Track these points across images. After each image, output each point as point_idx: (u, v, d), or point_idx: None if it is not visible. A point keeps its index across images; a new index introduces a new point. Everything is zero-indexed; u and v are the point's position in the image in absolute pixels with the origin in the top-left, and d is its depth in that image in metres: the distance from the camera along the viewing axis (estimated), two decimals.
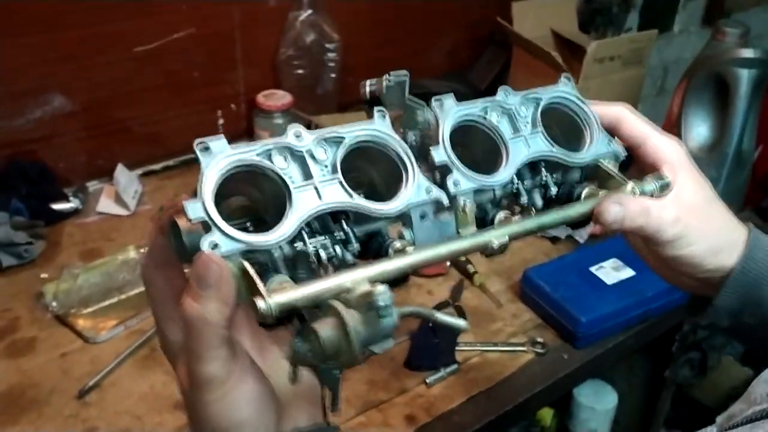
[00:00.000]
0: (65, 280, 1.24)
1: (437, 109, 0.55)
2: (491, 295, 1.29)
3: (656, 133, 0.60)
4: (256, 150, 0.47)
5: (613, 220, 0.55)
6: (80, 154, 1.57)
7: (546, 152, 0.58)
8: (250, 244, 0.45)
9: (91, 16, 1.44)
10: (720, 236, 0.59)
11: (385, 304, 0.42)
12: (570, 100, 0.61)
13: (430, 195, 0.51)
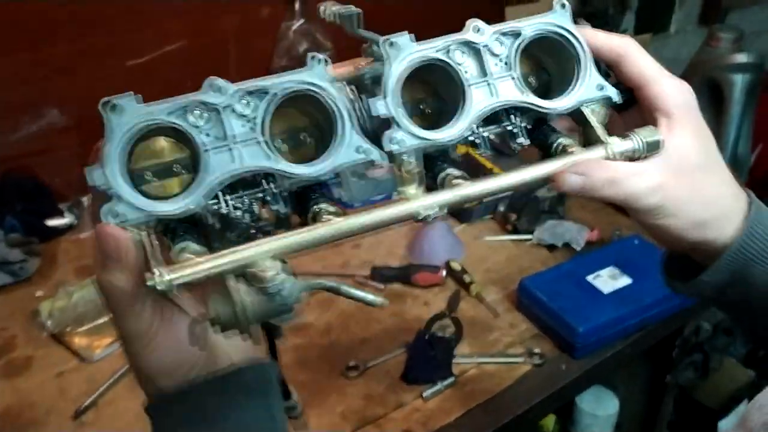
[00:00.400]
0: (60, 298, 1.24)
1: (387, 50, 0.49)
2: (488, 305, 1.28)
3: (660, 76, 0.53)
4: (169, 109, 0.45)
5: (571, 190, 0.50)
6: (75, 168, 1.54)
7: (513, 101, 0.51)
8: (152, 213, 0.44)
9: (83, 29, 1.44)
10: (710, 208, 0.53)
11: (273, 290, 0.43)
12: (559, 32, 0.52)
13: (362, 155, 0.47)
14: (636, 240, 1.36)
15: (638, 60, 0.53)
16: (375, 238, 1.47)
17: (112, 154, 0.43)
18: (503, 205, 1.51)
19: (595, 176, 0.50)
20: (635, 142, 0.50)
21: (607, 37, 0.53)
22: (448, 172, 0.50)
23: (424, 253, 1.39)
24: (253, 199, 0.47)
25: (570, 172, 0.50)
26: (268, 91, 0.46)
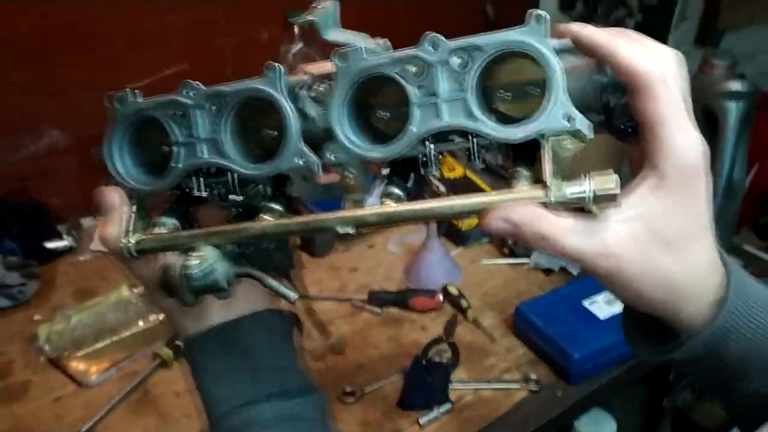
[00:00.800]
0: (58, 322, 1.24)
1: (337, 64, 0.49)
2: (484, 330, 1.29)
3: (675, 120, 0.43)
4: (152, 105, 0.55)
5: (498, 235, 0.47)
6: (74, 189, 1.58)
7: (455, 124, 0.47)
8: (135, 189, 0.57)
9: (84, 52, 1.45)
10: (666, 289, 0.46)
11: (194, 276, 0.54)
12: (524, 51, 0.45)
13: (302, 164, 0.51)
14: None
15: (660, 98, 0.43)
16: (373, 261, 1.48)
17: (109, 138, 0.57)
18: None
19: (526, 229, 0.44)
20: (586, 189, 0.42)
21: (632, 58, 0.43)
22: (387, 191, 0.50)
23: (422, 277, 1.39)
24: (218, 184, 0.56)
25: (497, 217, 0.45)
26: (225, 95, 0.53)
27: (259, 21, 1.64)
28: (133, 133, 0.57)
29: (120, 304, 1.30)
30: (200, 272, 0.53)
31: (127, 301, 1.30)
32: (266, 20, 1.64)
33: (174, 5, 1.51)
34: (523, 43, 0.45)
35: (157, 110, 0.55)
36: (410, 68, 0.48)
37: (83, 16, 1.41)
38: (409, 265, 1.44)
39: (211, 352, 0.60)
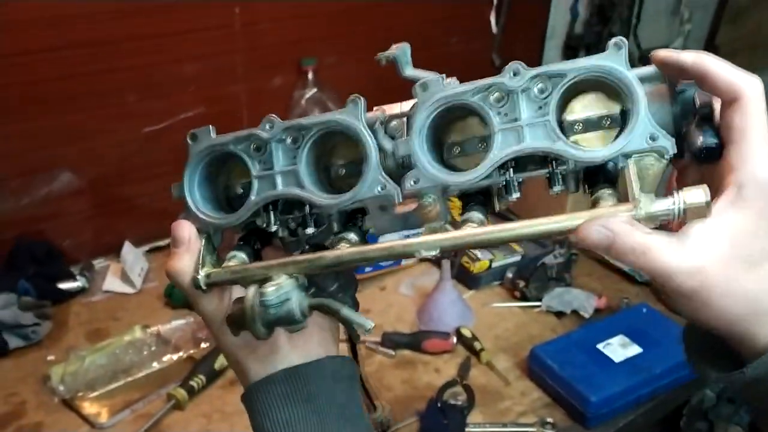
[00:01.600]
0: (72, 363, 1.24)
1: (419, 93, 0.51)
2: (498, 373, 1.29)
3: (758, 138, 0.44)
4: (231, 141, 0.54)
5: (595, 246, 0.45)
6: (87, 231, 1.59)
7: (538, 148, 0.48)
8: (209, 224, 0.55)
9: (103, 98, 1.48)
10: (750, 304, 0.45)
11: (269, 304, 0.51)
12: (605, 76, 0.47)
13: (383, 191, 0.51)
14: (644, 308, 1.38)
15: (748, 113, 0.45)
16: (385, 302, 1.48)
17: (187, 175, 0.55)
18: (511, 272, 1.53)
19: (621, 239, 0.44)
20: (674, 203, 0.43)
21: (731, 78, 0.45)
22: (467, 216, 0.50)
23: (434, 319, 1.40)
24: (290, 219, 0.55)
25: (595, 227, 0.45)
26: (310, 128, 0.53)
27: (274, 68, 1.68)
28: (205, 169, 0.56)
29: (134, 344, 1.30)
30: (276, 299, 0.51)
31: (141, 341, 1.30)
32: (280, 67, 1.68)
33: (192, 56, 1.54)
34: (606, 67, 0.47)
35: (233, 145, 0.54)
36: (491, 96, 0.50)
37: (102, 65, 1.45)
38: (421, 307, 1.44)
39: (277, 398, 0.57)
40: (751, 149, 0.44)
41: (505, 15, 1.94)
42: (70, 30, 1.38)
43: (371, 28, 1.75)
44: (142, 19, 1.45)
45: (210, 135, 0.55)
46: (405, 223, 0.54)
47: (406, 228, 0.54)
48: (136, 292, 1.49)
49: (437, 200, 0.50)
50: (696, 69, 0.46)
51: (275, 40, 1.65)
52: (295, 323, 0.52)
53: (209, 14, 1.53)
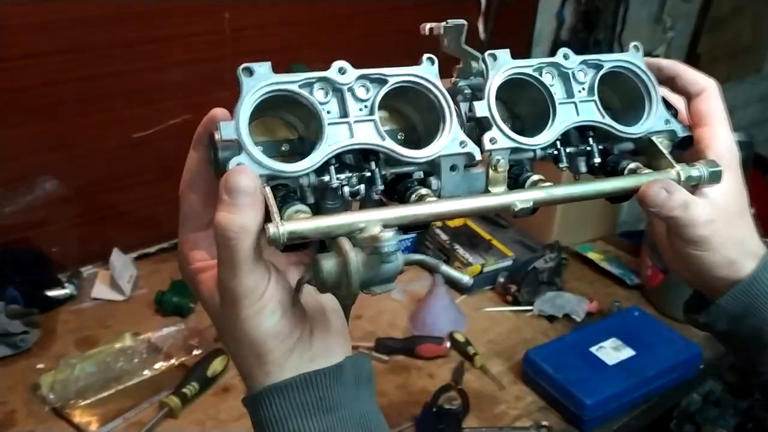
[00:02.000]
0: (62, 371, 1.22)
1: (489, 62, 0.53)
2: (493, 377, 1.29)
3: (723, 123, 0.58)
4: (298, 81, 0.48)
5: (655, 204, 0.54)
6: (74, 238, 1.57)
7: (594, 121, 0.56)
8: (274, 170, 0.46)
9: (90, 105, 1.46)
10: (740, 248, 0.58)
11: (389, 250, 0.43)
12: (634, 70, 0.58)
13: (463, 148, 0.51)
14: (636, 312, 1.39)
15: (713, 102, 0.58)
16: (377, 308, 1.48)
17: (243, 113, 0.46)
18: (503, 276, 1.54)
19: (675, 196, 0.54)
20: (701, 170, 0.54)
21: (695, 74, 0.59)
22: (535, 178, 0.54)
23: (427, 324, 1.40)
24: (358, 178, 0.49)
25: (658, 186, 0.54)
26: (386, 79, 0.50)
27: None
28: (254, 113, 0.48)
29: (124, 352, 1.28)
30: (397, 246, 0.43)
31: (131, 349, 1.29)
32: None
33: (179, 62, 1.53)
34: (634, 64, 0.57)
35: (301, 86, 0.48)
36: (548, 74, 0.55)
37: (89, 71, 1.43)
38: (414, 312, 1.44)
39: (294, 408, 0.50)
40: (720, 128, 0.57)
41: (492, 21, 1.95)
42: (56, 36, 1.36)
43: (360, 34, 1.75)
44: (129, 25, 1.43)
45: (270, 71, 0.47)
46: (470, 185, 0.52)
47: (470, 190, 0.52)
48: (125, 299, 1.47)
49: (507, 162, 0.52)
50: (671, 69, 0.59)
51: (264, 46, 1.64)
52: (394, 280, 0.46)
53: (198, 20, 1.52)
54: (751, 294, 0.58)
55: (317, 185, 0.49)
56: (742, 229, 0.58)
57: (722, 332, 0.62)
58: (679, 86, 0.59)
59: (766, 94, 3.37)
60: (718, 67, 2.90)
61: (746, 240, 0.59)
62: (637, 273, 1.59)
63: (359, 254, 0.44)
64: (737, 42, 2.94)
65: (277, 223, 0.43)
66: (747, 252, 0.58)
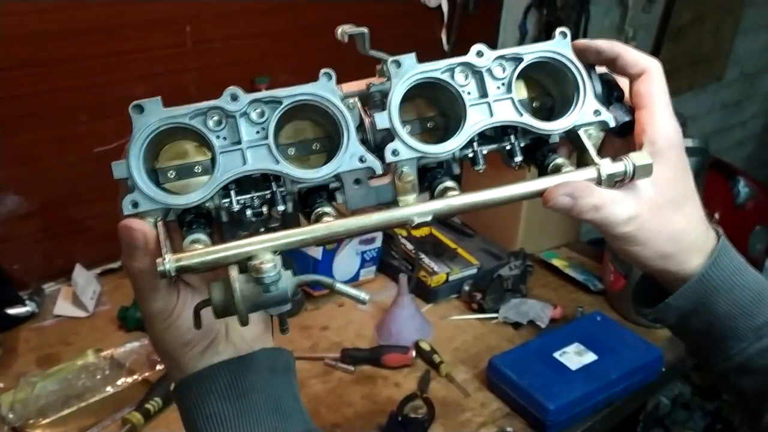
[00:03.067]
0: (22, 389, 1.20)
1: (392, 70, 0.52)
2: (458, 385, 1.29)
3: (663, 107, 0.54)
4: (189, 113, 0.49)
5: (560, 210, 0.52)
6: (36, 255, 1.55)
7: (508, 120, 0.53)
8: (166, 204, 0.49)
9: (51, 119, 1.45)
10: (676, 242, 0.55)
11: (268, 282, 0.46)
12: (559, 59, 0.55)
13: (363, 163, 0.50)
14: (598, 316, 1.40)
15: (654, 83, 0.54)
16: (344, 319, 1.48)
17: (133, 150, 0.49)
18: (468, 284, 1.54)
19: (583, 201, 0.52)
20: (626, 165, 0.51)
21: (637, 55, 0.55)
22: (446, 185, 0.53)
23: (393, 333, 1.40)
24: (260, 199, 0.51)
25: (561, 193, 0.52)
26: (280, 101, 0.50)
27: (227, 86, 1.66)
28: (149, 147, 0.50)
29: (86, 369, 1.26)
30: (277, 275, 0.46)
31: (94, 365, 1.27)
32: (233, 85, 1.67)
33: (142, 75, 1.53)
34: (558, 53, 0.54)
35: (191, 118, 0.49)
36: (460, 73, 0.53)
37: (50, 85, 1.42)
38: (380, 322, 1.44)
39: (210, 394, 0.56)
40: (658, 111, 0.54)
41: (455, 33, 1.97)
42: (17, 49, 1.35)
43: (324, 46, 1.74)
44: (91, 38, 1.43)
45: (159, 107, 0.49)
46: (377, 197, 0.52)
47: (378, 201, 0.53)
48: (88, 315, 1.45)
49: (413, 172, 0.52)
50: (611, 51, 0.55)
51: (228, 58, 1.64)
52: (284, 303, 0.48)
53: (160, 33, 1.52)
54: (701, 291, 0.57)
55: (220, 209, 0.51)
56: (678, 222, 0.55)
57: (672, 325, 0.61)
58: (619, 67, 0.56)
59: (728, 102, 3.44)
60: (679, 76, 2.96)
61: (684, 233, 0.56)
62: (601, 279, 1.61)
63: (246, 282, 0.47)
64: (698, 51, 3.01)
65: (164, 260, 0.46)
66: (686, 246, 0.56)
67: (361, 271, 1.58)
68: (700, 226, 0.57)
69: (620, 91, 0.57)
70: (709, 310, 0.57)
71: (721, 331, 0.58)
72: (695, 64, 3.02)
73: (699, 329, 0.59)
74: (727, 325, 0.58)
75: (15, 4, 1.32)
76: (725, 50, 3.20)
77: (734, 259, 0.58)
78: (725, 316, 0.57)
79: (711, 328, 0.58)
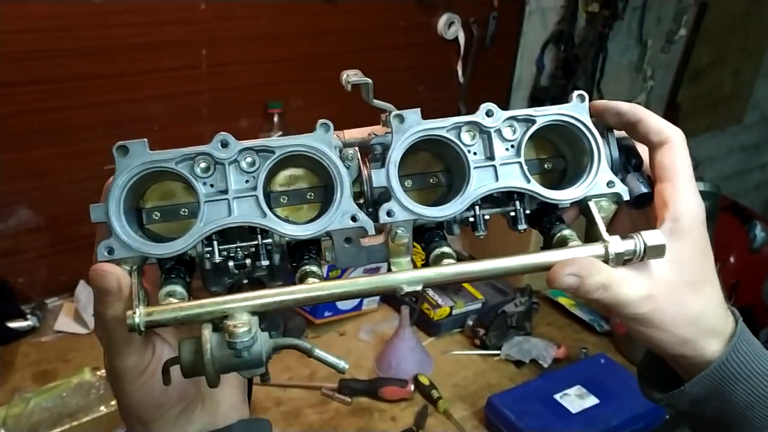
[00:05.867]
0: (16, 405, 1.19)
1: (395, 124, 0.50)
2: (456, 422, 1.27)
3: (685, 181, 0.50)
4: (175, 158, 0.47)
5: (566, 289, 0.49)
6: (42, 269, 1.55)
7: (515, 187, 0.51)
8: (143, 252, 0.46)
9: (64, 135, 1.46)
10: (695, 327, 0.52)
11: (240, 347, 0.43)
12: (574, 124, 0.52)
13: (355, 223, 0.48)
14: (602, 359, 1.38)
15: (676, 155, 0.50)
16: (344, 349, 1.47)
17: (113, 193, 0.46)
18: (472, 319, 1.53)
19: (590, 281, 0.48)
20: (636, 244, 0.48)
21: (660, 123, 0.51)
22: (442, 251, 0.50)
23: (392, 366, 1.38)
24: (243, 251, 0.48)
25: (567, 273, 0.48)
26: (273, 151, 0.48)
27: (240, 110, 1.68)
28: (131, 190, 0.47)
29: (81, 387, 1.25)
30: (250, 340, 0.43)
31: (89, 384, 1.26)
32: (246, 109, 1.69)
33: (156, 95, 1.54)
34: (572, 117, 0.51)
35: (177, 163, 0.47)
36: (466, 134, 0.51)
37: (63, 102, 1.43)
38: (380, 353, 1.42)
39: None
40: (683, 186, 0.50)
41: (471, 66, 1.98)
42: (31, 66, 1.37)
43: (337, 74, 1.76)
44: (106, 57, 1.44)
45: (145, 149, 0.47)
46: (368, 257, 0.50)
47: (369, 262, 0.50)
48: (89, 332, 1.45)
49: (409, 234, 0.49)
50: (632, 114, 0.51)
51: (242, 82, 1.66)
52: (259, 367, 0.45)
53: (175, 55, 1.53)
54: (718, 378, 0.53)
55: (201, 259, 0.48)
56: (697, 304, 0.51)
57: (683, 412, 0.57)
58: (640, 134, 0.52)
59: (747, 145, 3.41)
60: (698, 117, 2.95)
61: (704, 316, 0.52)
62: (607, 320, 1.58)
63: (219, 343, 0.44)
64: (718, 93, 2.99)
65: (134, 313, 0.43)
66: (706, 330, 0.52)
67: (364, 300, 1.57)
68: (719, 309, 0.53)
69: (639, 159, 0.53)
70: (725, 397, 0.53)
71: (736, 420, 0.55)
72: (715, 105, 3.01)
73: (713, 417, 0.56)
74: (744, 414, 0.54)
75: (34, 22, 1.34)
76: (745, 93, 3.18)
77: (752, 344, 0.54)
78: (742, 405, 0.53)
79: (726, 416, 0.55)
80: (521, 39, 2.14)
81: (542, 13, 2.15)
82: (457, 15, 1.90)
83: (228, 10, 1.56)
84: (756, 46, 3.05)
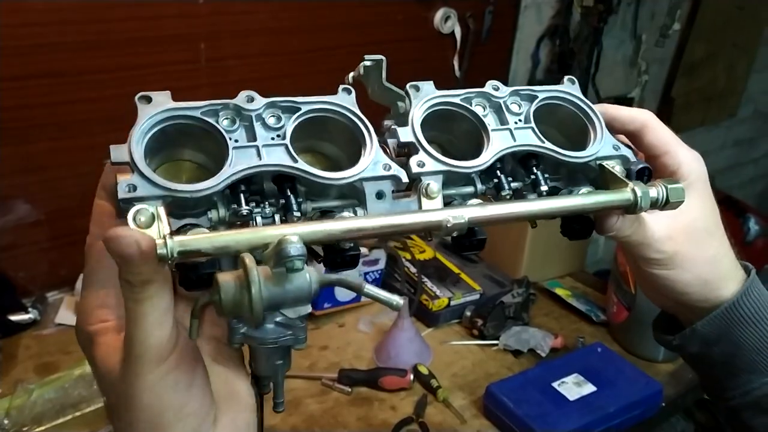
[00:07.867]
0: (19, 396, 1.21)
1: (412, 92, 0.51)
2: (455, 411, 1.28)
3: (679, 145, 0.55)
4: (201, 107, 0.45)
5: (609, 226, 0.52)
6: (42, 263, 1.56)
7: (533, 145, 0.52)
8: (170, 190, 0.41)
9: (65, 129, 1.47)
10: (712, 268, 0.56)
11: (296, 252, 0.37)
12: (572, 100, 0.55)
13: (387, 171, 0.46)
14: (599, 348, 1.39)
15: (659, 130, 0.56)
16: (343, 339, 1.48)
17: (136, 135, 0.43)
18: (470, 310, 1.54)
19: (627, 217, 0.52)
20: (659, 191, 0.50)
21: (629, 110, 0.56)
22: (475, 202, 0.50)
23: (392, 356, 1.39)
24: (272, 207, 0.45)
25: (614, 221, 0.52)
26: (298, 107, 0.47)
27: None
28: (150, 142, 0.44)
29: (83, 379, 1.26)
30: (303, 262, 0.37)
31: (90, 376, 1.27)
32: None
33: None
34: (570, 95, 0.55)
35: (204, 113, 0.45)
36: (478, 105, 0.52)
37: (64, 96, 1.44)
38: (379, 344, 1.44)
39: None
40: (680, 151, 0.55)
41: (468, 60, 1.99)
42: (34, 60, 1.38)
43: (337, 68, 1.77)
44: (107, 51, 1.45)
45: (168, 99, 0.44)
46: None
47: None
48: None
49: (440, 186, 0.48)
50: (604, 113, 0.55)
51: (241, 77, 1.66)
52: (306, 300, 0.40)
53: (174, 49, 1.54)
54: (729, 319, 0.56)
55: (228, 220, 0.44)
56: (712, 247, 0.56)
57: (693, 354, 0.60)
58: (618, 128, 0.56)
59: (741, 139, 3.43)
60: (692, 112, 2.96)
61: (719, 260, 0.57)
62: (604, 310, 1.60)
63: (263, 270, 0.39)
64: (712, 87, 3.01)
65: (165, 241, 0.37)
66: (722, 273, 0.57)
67: None
68: (731, 255, 0.58)
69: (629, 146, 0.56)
70: (734, 339, 0.57)
71: (744, 364, 0.58)
72: (708, 99, 3.03)
73: (720, 360, 0.59)
74: (751, 358, 0.57)
75: (35, 16, 1.35)
76: (739, 88, 3.20)
77: (764, 293, 0.58)
78: (750, 349, 0.57)
79: (733, 360, 0.58)
80: (517, 33, 2.16)
81: (537, 8, 2.17)
82: (453, 9, 1.92)
83: (227, 4, 1.57)
84: (750, 41, 3.07)
